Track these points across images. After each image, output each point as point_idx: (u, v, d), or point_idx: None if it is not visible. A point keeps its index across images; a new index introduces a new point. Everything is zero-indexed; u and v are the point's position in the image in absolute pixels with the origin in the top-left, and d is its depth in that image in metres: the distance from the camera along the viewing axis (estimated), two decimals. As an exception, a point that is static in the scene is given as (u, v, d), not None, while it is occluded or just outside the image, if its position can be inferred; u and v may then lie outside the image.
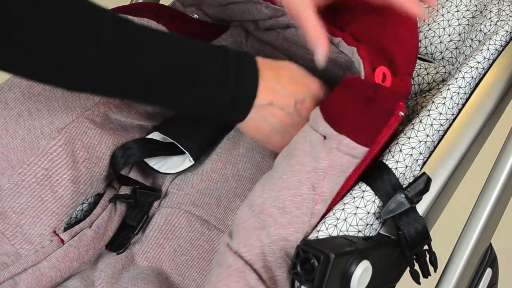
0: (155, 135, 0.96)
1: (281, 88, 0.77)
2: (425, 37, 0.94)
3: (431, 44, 0.93)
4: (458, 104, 0.77)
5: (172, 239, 0.90)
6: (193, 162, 0.95)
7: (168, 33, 0.80)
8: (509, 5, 0.86)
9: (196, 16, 1.03)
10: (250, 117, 0.77)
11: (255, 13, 0.95)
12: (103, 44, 0.67)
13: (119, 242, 0.92)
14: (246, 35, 1.06)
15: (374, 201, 0.69)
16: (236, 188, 0.93)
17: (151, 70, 0.71)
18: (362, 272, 0.62)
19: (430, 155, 0.74)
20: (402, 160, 0.71)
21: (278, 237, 0.65)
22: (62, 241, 0.86)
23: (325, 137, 0.69)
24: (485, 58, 0.80)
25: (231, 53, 0.76)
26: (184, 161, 0.96)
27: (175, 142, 0.94)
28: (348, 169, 0.68)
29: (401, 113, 0.70)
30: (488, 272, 0.78)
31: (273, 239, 0.65)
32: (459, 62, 0.89)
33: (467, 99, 0.78)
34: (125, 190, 0.95)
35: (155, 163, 0.96)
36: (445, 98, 0.76)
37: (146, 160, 0.95)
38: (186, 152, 0.94)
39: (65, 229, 0.88)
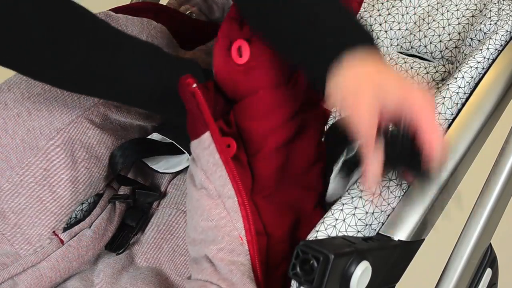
0: (154, 136, 0.96)
1: None
2: (425, 36, 0.94)
3: (430, 43, 0.93)
4: (457, 104, 0.76)
5: (170, 240, 0.90)
6: None
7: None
8: (509, 5, 0.86)
9: (193, 15, 1.03)
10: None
11: None
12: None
13: (119, 242, 0.92)
14: None
15: (372, 201, 0.69)
16: None
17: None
18: (361, 272, 0.62)
19: (429, 155, 0.74)
20: (401, 160, 0.71)
21: (215, 252, 0.69)
22: (62, 242, 0.86)
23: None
24: (485, 57, 0.80)
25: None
26: (183, 161, 0.96)
27: (174, 142, 0.94)
28: (216, 157, 0.70)
29: (193, 86, 0.69)
30: (488, 272, 0.78)
31: (213, 255, 0.70)
32: (458, 61, 0.88)
33: (467, 99, 0.77)
34: (124, 190, 0.95)
35: (154, 163, 0.96)
36: (444, 97, 0.76)
37: (145, 160, 0.95)
38: (185, 152, 0.94)
39: (65, 229, 0.88)
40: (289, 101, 0.73)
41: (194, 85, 0.70)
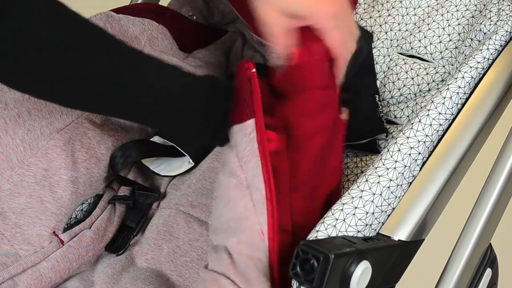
0: (156, 140, 0.96)
1: None
2: (425, 37, 0.94)
3: (430, 44, 0.93)
4: (457, 104, 0.77)
5: (170, 240, 0.90)
6: (192, 164, 0.95)
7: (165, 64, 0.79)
8: (508, 5, 0.86)
9: (194, 17, 1.04)
10: None
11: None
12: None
13: (119, 243, 0.92)
14: (244, 40, 1.07)
15: (372, 201, 0.69)
16: None
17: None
18: (361, 272, 0.62)
19: (429, 155, 0.74)
20: (400, 160, 0.71)
21: (235, 244, 0.68)
22: (62, 242, 0.86)
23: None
24: (484, 58, 0.80)
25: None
26: (184, 163, 0.96)
27: (175, 146, 0.94)
28: (254, 146, 0.68)
29: (252, 71, 0.70)
30: (488, 272, 0.78)
31: (232, 247, 0.68)
32: (458, 62, 0.89)
33: (467, 99, 0.77)
34: (124, 191, 0.95)
35: (155, 166, 0.96)
36: (444, 98, 0.76)
37: (146, 163, 0.96)
38: (186, 155, 0.94)
39: (65, 230, 0.88)
40: (334, 104, 0.76)
41: (253, 70, 0.70)
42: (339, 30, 0.75)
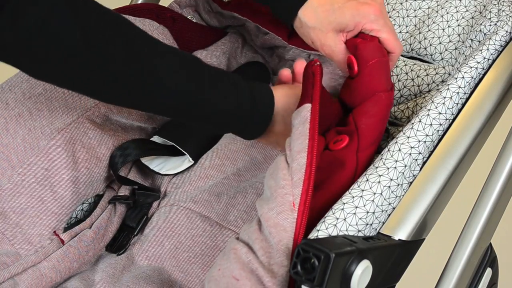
0: (155, 139, 0.97)
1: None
2: (425, 38, 0.94)
3: (430, 45, 0.94)
4: (457, 104, 0.77)
5: (172, 237, 0.90)
6: (192, 162, 0.95)
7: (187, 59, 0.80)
8: (508, 6, 0.86)
9: (194, 19, 1.04)
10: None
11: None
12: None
13: (119, 243, 0.92)
14: (243, 42, 1.08)
15: (373, 201, 0.69)
16: (238, 185, 0.93)
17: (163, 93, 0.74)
18: (362, 271, 0.62)
19: (430, 155, 0.74)
20: (401, 160, 0.71)
21: (266, 211, 0.68)
22: (62, 242, 0.86)
23: None
24: (484, 58, 0.80)
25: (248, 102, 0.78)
26: (184, 162, 0.96)
27: (174, 145, 0.95)
28: (305, 126, 0.70)
29: (317, 64, 0.74)
30: (488, 272, 0.78)
31: (262, 214, 0.68)
32: (458, 63, 0.89)
33: (467, 99, 0.78)
34: (124, 191, 0.95)
35: (155, 165, 0.96)
36: (444, 98, 0.76)
37: (146, 162, 0.96)
38: (186, 153, 0.94)
39: (65, 229, 0.88)
40: (391, 104, 0.80)
41: (318, 63, 0.73)
42: (388, 26, 0.82)
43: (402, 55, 0.96)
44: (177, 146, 0.95)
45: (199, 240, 0.89)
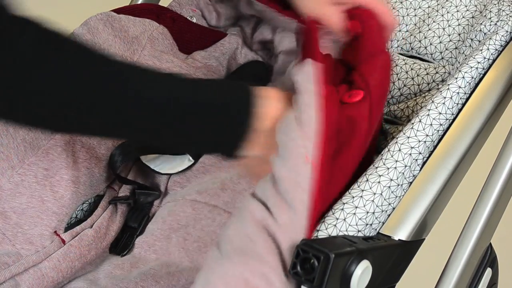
0: None
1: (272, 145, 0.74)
2: (425, 37, 0.94)
3: (430, 44, 0.94)
4: (458, 104, 0.77)
5: (178, 229, 0.89)
6: (192, 161, 0.95)
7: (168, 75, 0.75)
8: (509, 5, 0.86)
9: (194, 19, 1.04)
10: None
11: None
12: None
13: (122, 244, 0.92)
14: (243, 44, 1.08)
15: (373, 201, 0.69)
16: (240, 172, 0.92)
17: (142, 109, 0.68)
18: (362, 272, 0.62)
19: (430, 155, 0.74)
20: (401, 160, 0.71)
21: (279, 168, 0.66)
22: (63, 241, 0.86)
23: None
24: (485, 58, 0.80)
25: (227, 98, 0.72)
26: (184, 161, 0.96)
27: None
28: (309, 81, 0.69)
29: (311, 19, 0.76)
30: (488, 272, 0.78)
31: (275, 170, 0.66)
32: (459, 62, 0.89)
33: (467, 99, 0.78)
34: (125, 192, 0.95)
35: (155, 165, 0.96)
36: (445, 98, 0.76)
37: (147, 162, 0.96)
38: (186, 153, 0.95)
39: (66, 229, 0.88)
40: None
41: (312, 19, 0.76)
42: (381, 2, 0.84)
43: (402, 54, 0.96)
44: None
45: (209, 230, 0.88)
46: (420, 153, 0.72)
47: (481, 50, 0.81)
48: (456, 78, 0.78)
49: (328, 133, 0.67)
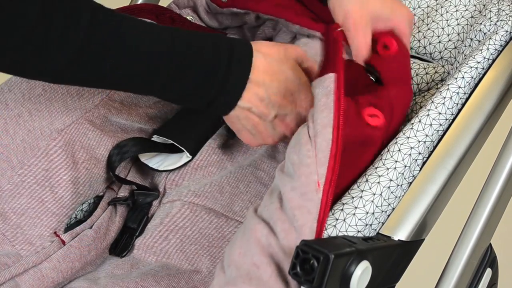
0: (154, 139, 0.97)
1: (266, 97, 0.76)
2: (424, 37, 0.94)
3: (430, 44, 0.93)
4: (457, 104, 0.77)
5: (176, 231, 0.90)
6: (190, 157, 0.95)
7: (154, 24, 0.78)
8: (508, 5, 0.86)
9: (191, 18, 1.04)
10: (230, 114, 0.77)
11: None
12: (82, 32, 0.67)
13: (122, 245, 0.92)
14: None
15: (372, 201, 0.69)
16: (238, 174, 0.93)
17: (133, 57, 0.71)
18: (361, 272, 0.62)
19: (429, 155, 0.74)
20: (400, 160, 0.71)
21: (288, 190, 0.66)
22: (63, 242, 0.86)
23: None
24: (484, 58, 0.80)
25: (224, 46, 0.75)
26: (182, 158, 0.96)
27: (173, 142, 0.95)
28: (330, 98, 0.67)
29: (338, 29, 0.74)
30: (488, 272, 0.78)
31: (284, 192, 0.66)
32: (458, 62, 0.89)
33: (467, 99, 0.78)
34: (124, 192, 0.95)
35: (153, 163, 0.96)
36: (444, 98, 0.76)
37: (146, 161, 0.96)
38: (184, 150, 0.95)
39: (66, 230, 0.88)
40: None
41: (339, 29, 0.74)
42: (410, 36, 0.86)
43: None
44: (177, 145, 0.96)
45: (206, 233, 0.88)
46: (419, 153, 0.72)
47: (481, 50, 0.81)
48: (456, 78, 0.78)
49: (341, 155, 0.66)
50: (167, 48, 0.72)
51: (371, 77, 0.81)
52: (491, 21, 0.86)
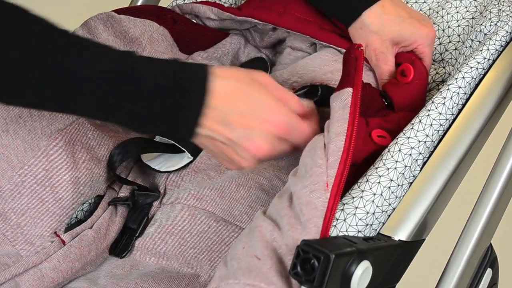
0: (157, 139, 0.96)
1: (226, 122, 0.72)
2: (425, 38, 0.94)
3: (431, 45, 0.93)
4: (458, 104, 0.77)
5: (174, 233, 0.90)
6: (191, 158, 0.95)
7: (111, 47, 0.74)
8: (509, 6, 0.86)
9: (194, 20, 1.04)
10: (197, 141, 0.75)
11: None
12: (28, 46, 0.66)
13: (122, 246, 0.92)
14: (245, 43, 1.07)
15: (373, 201, 0.69)
16: (238, 179, 0.93)
17: (79, 76, 0.68)
18: (362, 272, 0.62)
19: (430, 156, 0.74)
20: (401, 160, 0.71)
21: (299, 188, 0.68)
22: (63, 242, 0.86)
23: None
24: (485, 58, 0.80)
25: (180, 74, 0.72)
26: (183, 158, 0.96)
27: (174, 143, 0.94)
28: (345, 111, 0.71)
29: (360, 48, 0.75)
30: (488, 272, 0.78)
31: (295, 191, 0.69)
32: (459, 63, 0.89)
33: (467, 99, 0.78)
34: (125, 192, 0.95)
35: (155, 164, 0.96)
36: (445, 98, 0.76)
37: (148, 162, 0.96)
38: (185, 150, 0.95)
39: (66, 230, 0.88)
40: None
41: (361, 48, 0.76)
42: (432, 53, 0.89)
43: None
44: (178, 145, 0.95)
45: (205, 236, 0.89)
46: (420, 153, 0.72)
47: (481, 50, 0.81)
48: (456, 79, 0.78)
49: (349, 163, 0.69)
50: (121, 73, 0.69)
51: (385, 102, 0.85)
52: (491, 22, 0.86)
